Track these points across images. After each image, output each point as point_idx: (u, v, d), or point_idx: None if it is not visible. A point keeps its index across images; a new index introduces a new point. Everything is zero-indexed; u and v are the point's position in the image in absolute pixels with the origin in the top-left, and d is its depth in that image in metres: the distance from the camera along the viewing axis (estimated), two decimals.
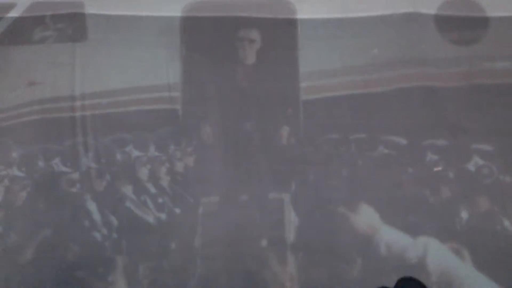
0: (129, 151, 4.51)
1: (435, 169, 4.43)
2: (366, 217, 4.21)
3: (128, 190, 4.43)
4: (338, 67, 4.65)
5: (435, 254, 4.14)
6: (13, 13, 4.70)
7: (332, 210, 4.23)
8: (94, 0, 4.71)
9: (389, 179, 4.34)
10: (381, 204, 4.27)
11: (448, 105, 4.54)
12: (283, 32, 4.68)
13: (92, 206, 4.37)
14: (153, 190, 4.45)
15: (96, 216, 4.34)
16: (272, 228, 4.34)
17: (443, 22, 4.68)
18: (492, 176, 4.41)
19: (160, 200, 4.42)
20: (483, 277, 4.09)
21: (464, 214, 4.32)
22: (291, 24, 4.68)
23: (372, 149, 4.45)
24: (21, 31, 4.72)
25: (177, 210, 4.41)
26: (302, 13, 4.70)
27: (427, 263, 4.13)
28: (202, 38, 4.72)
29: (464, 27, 4.68)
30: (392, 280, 2.94)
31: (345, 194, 4.31)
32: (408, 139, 4.47)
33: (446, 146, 4.47)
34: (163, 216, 4.40)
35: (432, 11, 4.68)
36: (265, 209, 4.36)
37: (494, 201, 4.34)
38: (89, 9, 4.71)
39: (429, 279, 4.07)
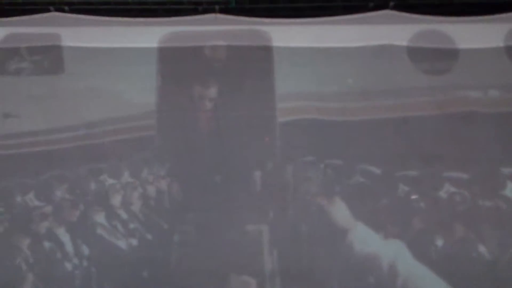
0: (103, 180, 4.41)
1: (412, 197, 4.40)
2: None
3: (100, 217, 4.32)
4: (314, 91, 4.63)
5: (404, 259, 4.08)
6: None
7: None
8: (71, 32, 4.66)
9: (364, 208, 4.30)
10: None
11: (422, 134, 4.52)
12: (258, 58, 4.66)
13: (65, 238, 4.23)
14: (124, 216, 4.34)
15: (69, 247, 4.20)
16: (251, 259, 4.24)
17: (415, 53, 4.70)
18: (466, 203, 4.37)
19: (131, 226, 4.32)
20: None
21: (439, 242, 4.25)
22: (266, 50, 4.67)
23: (349, 176, 4.40)
24: None
25: (149, 236, 4.30)
26: (277, 41, 4.71)
27: (397, 267, 4.07)
28: (178, 67, 4.68)
29: (436, 58, 4.70)
30: None
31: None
32: (382, 169, 4.43)
33: (418, 176, 4.42)
34: (134, 241, 4.28)
35: (404, 43, 4.73)
36: (243, 238, 4.27)
37: (469, 227, 4.29)
38: (66, 42, 4.66)
39: (395, 283, 4.03)
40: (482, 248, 4.19)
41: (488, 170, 4.43)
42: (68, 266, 4.17)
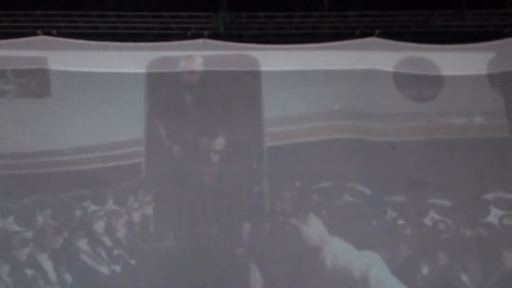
0: (86, 206, 4.33)
1: (399, 222, 4.39)
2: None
3: (83, 243, 4.25)
4: (303, 113, 4.64)
5: (377, 269, 4.11)
6: None
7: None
8: (58, 56, 4.59)
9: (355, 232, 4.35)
10: None
11: (407, 159, 4.52)
12: (247, 83, 4.68)
13: (48, 265, 4.14)
14: (108, 242, 4.27)
15: (52, 275, 4.11)
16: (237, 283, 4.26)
17: (401, 79, 4.71)
18: (449, 231, 4.36)
19: (115, 252, 4.26)
20: None
21: (424, 270, 4.24)
22: (254, 76, 4.69)
23: (338, 198, 4.41)
24: None
25: (133, 261, 4.24)
26: (265, 66, 4.71)
27: (369, 278, 4.10)
28: (166, 93, 4.66)
29: (421, 85, 4.71)
30: None
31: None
32: (372, 190, 4.42)
33: (404, 201, 4.42)
34: (118, 268, 4.21)
35: (390, 68, 4.74)
36: (230, 264, 4.27)
37: (452, 256, 4.29)
38: (53, 65, 4.59)
39: None
40: (464, 278, 4.25)
41: (470, 197, 4.45)
42: None
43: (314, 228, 4.21)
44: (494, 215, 4.43)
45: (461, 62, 4.79)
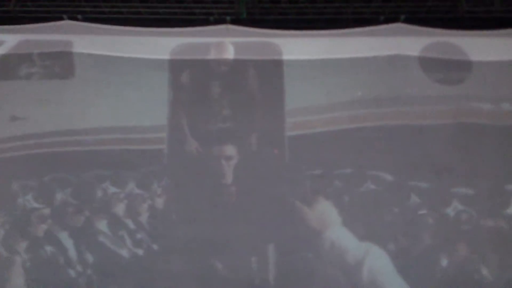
0: (106, 188, 4.32)
1: (420, 212, 4.31)
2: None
3: (102, 225, 4.24)
4: (324, 104, 4.58)
5: (373, 262, 3.93)
6: (0, 51, 4.59)
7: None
8: (83, 40, 4.59)
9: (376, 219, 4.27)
10: None
11: (434, 143, 4.42)
12: (269, 73, 4.62)
13: (68, 243, 4.16)
14: (131, 225, 4.25)
15: (72, 253, 4.13)
16: (255, 270, 4.28)
17: (428, 63, 4.57)
18: (471, 222, 4.25)
19: (138, 236, 4.25)
20: None
21: (444, 262, 4.13)
22: (276, 64, 4.62)
23: (359, 184, 4.35)
24: (6, 68, 4.59)
25: (155, 246, 4.24)
26: (288, 54, 4.66)
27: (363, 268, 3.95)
28: (190, 79, 4.63)
29: (448, 68, 4.58)
30: None
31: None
32: (394, 177, 4.35)
33: (428, 188, 4.32)
34: (140, 251, 4.21)
35: (415, 53, 4.60)
36: (248, 250, 4.26)
37: (473, 248, 4.17)
38: (77, 48, 4.60)
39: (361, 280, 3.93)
40: (485, 271, 4.15)
41: (494, 186, 4.30)
42: (68, 271, 4.12)
43: (318, 213, 4.08)
44: None
45: (489, 48, 4.62)
